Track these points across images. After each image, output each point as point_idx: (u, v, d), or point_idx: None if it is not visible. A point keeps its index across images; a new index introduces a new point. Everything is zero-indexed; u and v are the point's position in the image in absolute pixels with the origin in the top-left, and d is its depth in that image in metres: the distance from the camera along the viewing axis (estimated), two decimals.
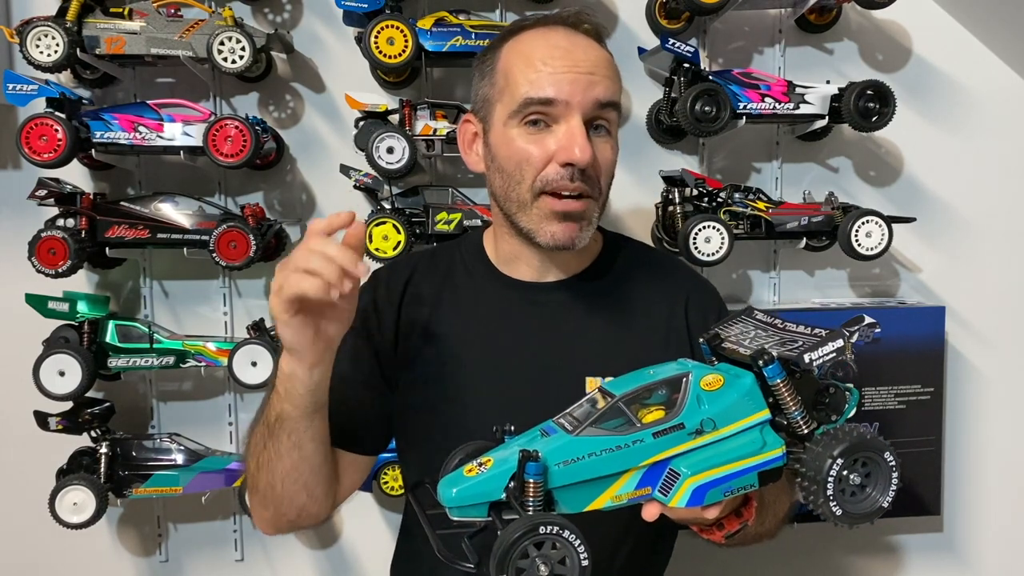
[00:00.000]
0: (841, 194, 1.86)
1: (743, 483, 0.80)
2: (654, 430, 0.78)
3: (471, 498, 0.77)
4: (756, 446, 0.81)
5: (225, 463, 1.73)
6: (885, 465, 0.80)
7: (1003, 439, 2.04)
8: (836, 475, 0.77)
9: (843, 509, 0.78)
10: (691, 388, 0.81)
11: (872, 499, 0.81)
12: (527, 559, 0.72)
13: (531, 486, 0.75)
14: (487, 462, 0.79)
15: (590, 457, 0.77)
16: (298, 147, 1.84)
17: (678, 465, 0.79)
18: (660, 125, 1.87)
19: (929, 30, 1.94)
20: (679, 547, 1.93)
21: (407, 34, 1.61)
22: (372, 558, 1.92)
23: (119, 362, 1.68)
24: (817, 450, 0.78)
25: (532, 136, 1.11)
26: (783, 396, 0.81)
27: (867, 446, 0.79)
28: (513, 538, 0.71)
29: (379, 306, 1.24)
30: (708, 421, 0.79)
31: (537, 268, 1.22)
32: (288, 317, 0.93)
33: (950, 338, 1.97)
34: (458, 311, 1.22)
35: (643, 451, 0.78)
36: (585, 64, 1.10)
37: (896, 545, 2.04)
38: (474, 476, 0.78)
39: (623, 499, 0.80)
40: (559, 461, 0.77)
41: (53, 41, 1.57)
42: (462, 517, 0.78)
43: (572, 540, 0.72)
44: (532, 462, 0.75)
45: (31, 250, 1.59)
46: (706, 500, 0.79)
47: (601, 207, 1.17)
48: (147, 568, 1.89)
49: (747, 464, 0.80)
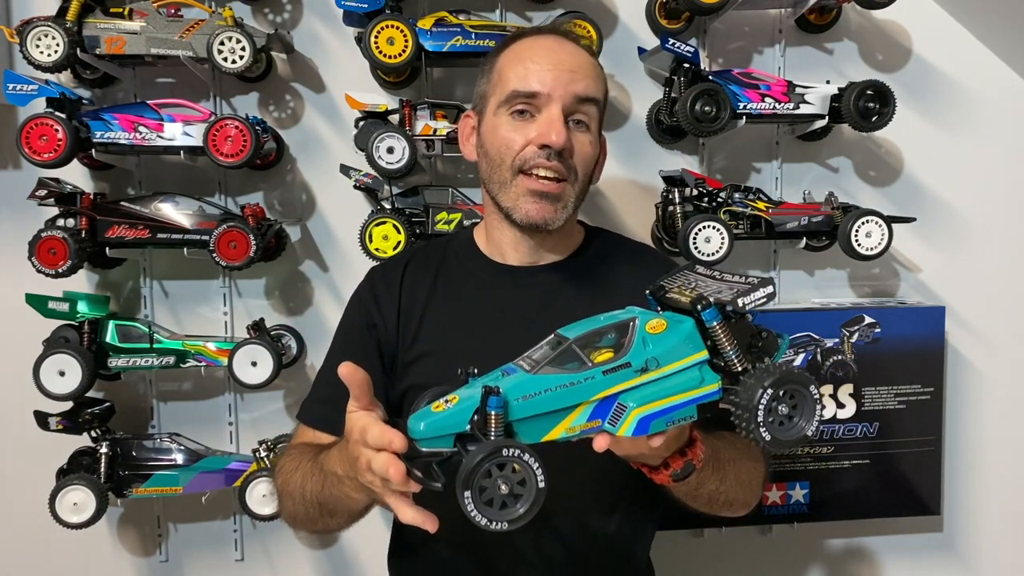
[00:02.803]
0: (841, 194, 1.86)
1: (683, 414, 0.89)
2: (604, 368, 0.87)
3: (438, 430, 0.84)
4: (695, 382, 0.89)
5: (225, 463, 1.73)
6: (811, 397, 0.87)
7: (1003, 439, 2.04)
8: (766, 404, 0.85)
9: (771, 435, 0.86)
10: (637, 331, 0.89)
11: (798, 427, 0.88)
12: (490, 479, 0.80)
13: (493, 418, 0.82)
14: (453, 399, 0.86)
15: (546, 392, 0.85)
16: (298, 147, 1.84)
17: (625, 399, 0.87)
18: (660, 125, 1.87)
19: (929, 30, 1.95)
20: (679, 547, 1.94)
21: (407, 34, 1.61)
22: (372, 558, 1.92)
23: (119, 362, 1.68)
24: (750, 383, 0.86)
25: (516, 124, 1.23)
26: (719, 338, 0.89)
27: (794, 379, 0.86)
28: (478, 458, 0.79)
29: (379, 298, 1.32)
30: (652, 360, 0.87)
31: (523, 253, 1.31)
32: (386, 495, 0.95)
33: (950, 338, 1.98)
34: (451, 295, 1.31)
35: (594, 387, 0.86)
36: (568, 63, 1.23)
37: (896, 545, 2.04)
38: (441, 411, 0.85)
39: (576, 431, 0.88)
40: (518, 396, 0.85)
41: (53, 41, 1.57)
42: (431, 448, 0.85)
43: (531, 463, 0.80)
44: (494, 396, 0.82)
45: (31, 250, 1.59)
46: (650, 429, 0.87)
47: (577, 194, 1.26)
48: (147, 568, 1.89)
49: (687, 397, 0.88)
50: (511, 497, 0.81)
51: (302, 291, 1.87)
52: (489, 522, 0.80)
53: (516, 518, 0.81)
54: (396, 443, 0.87)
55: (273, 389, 1.79)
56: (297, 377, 1.86)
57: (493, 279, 1.31)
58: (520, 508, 0.81)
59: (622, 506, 1.27)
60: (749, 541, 1.98)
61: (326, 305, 1.87)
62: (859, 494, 1.88)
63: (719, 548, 1.98)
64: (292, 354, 1.81)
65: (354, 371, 0.94)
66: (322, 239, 1.86)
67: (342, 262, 1.86)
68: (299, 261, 1.86)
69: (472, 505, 0.79)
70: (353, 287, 1.39)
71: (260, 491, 1.72)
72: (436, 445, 0.85)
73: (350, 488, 1.02)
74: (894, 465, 1.87)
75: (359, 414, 0.95)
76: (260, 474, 1.71)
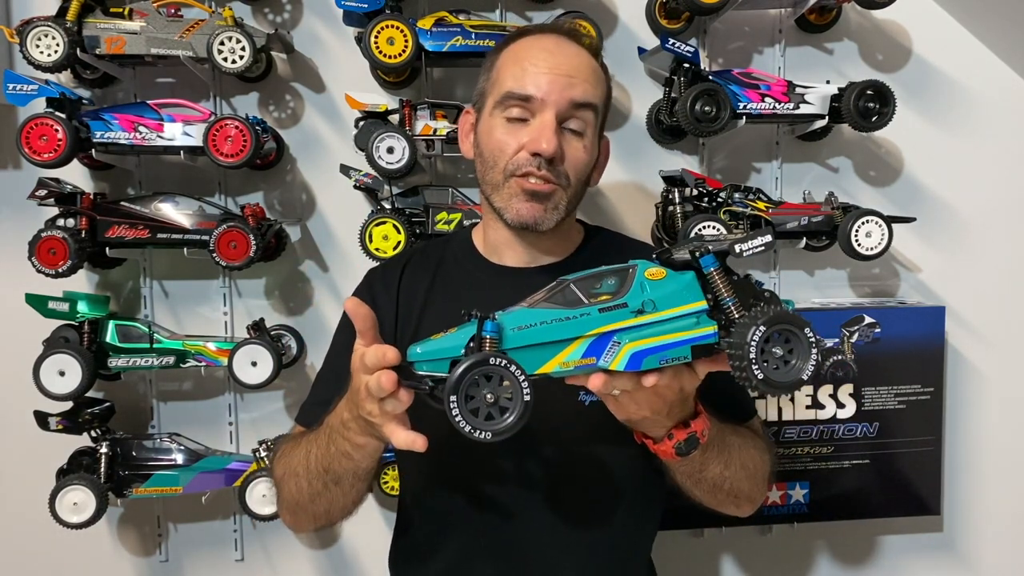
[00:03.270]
0: (841, 194, 1.86)
1: (677, 353, 0.89)
2: (600, 306, 0.89)
3: (434, 354, 0.87)
4: (691, 325, 0.90)
5: (225, 463, 1.73)
6: (806, 340, 0.87)
7: (1003, 439, 2.04)
8: (759, 343, 0.85)
9: (764, 374, 0.85)
10: (636, 276, 0.91)
11: (795, 369, 0.87)
12: (477, 388, 0.82)
13: (487, 341, 0.85)
14: (452, 330, 0.89)
15: (542, 325, 0.88)
16: (298, 147, 1.84)
17: (621, 338, 0.88)
18: (660, 125, 1.87)
19: (929, 30, 1.95)
20: (679, 547, 1.94)
21: (407, 34, 1.61)
22: (372, 558, 1.92)
23: (119, 362, 1.68)
24: (744, 323, 0.87)
25: (510, 127, 1.22)
26: (717, 285, 0.90)
27: (788, 319, 0.86)
28: (466, 364, 0.81)
29: (377, 300, 1.31)
30: (649, 303, 0.89)
31: (521, 254, 1.30)
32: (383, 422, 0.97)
33: (950, 338, 1.98)
34: (450, 297, 1.30)
35: (589, 322, 0.88)
36: (566, 67, 1.21)
37: (896, 545, 2.04)
38: (439, 338, 0.89)
39: (571, 365, 0.89)
40: (515, 326, 0.87)
41: (53, 41, 1.57)
42: (427, 372, 0.88)
43: (517, 374, 0.82)
44: (489, 320, 0.85)
45: (31, 250, 1.59)
46: (643, 365, 0.88)
47: (571, 199, 1.25)
48: (147, 568, 1.89)
49: (682, 337, 0.89)
50: (496, 408, 0.82)
51: (302, 291, 1.87)
52: (473, 430, 0.82)
53: (502, 428, 0.82)
54: (390, 355, 0.90)
55: (273, 389, 1.79)
56: (297, 377, 1.86)
57: (490, 280, 1.30)
58: (507, 418, 0.82)
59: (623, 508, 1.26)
60: (749, 541, 1.98)
61: (326, 305, 1.87)
62: (859, 494, 1.88)
63: (719, 548, 1.98)
64: (292, 354, 1.81)
65: (358, 305, 0.97)
66: (322, 239, 1.86)
67: (342, 262, 1.86)
68: (299, 261, 1.86)
69: (458, 411, 0.81)
70: (353, 287, 1.38)
71: (260, 491, 1.72)
72: (432, 368, 0.87)
73: (356, 431, 1.03)
74: (894, 465, 1.87)
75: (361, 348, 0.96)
76: (260, 474, 1.71)
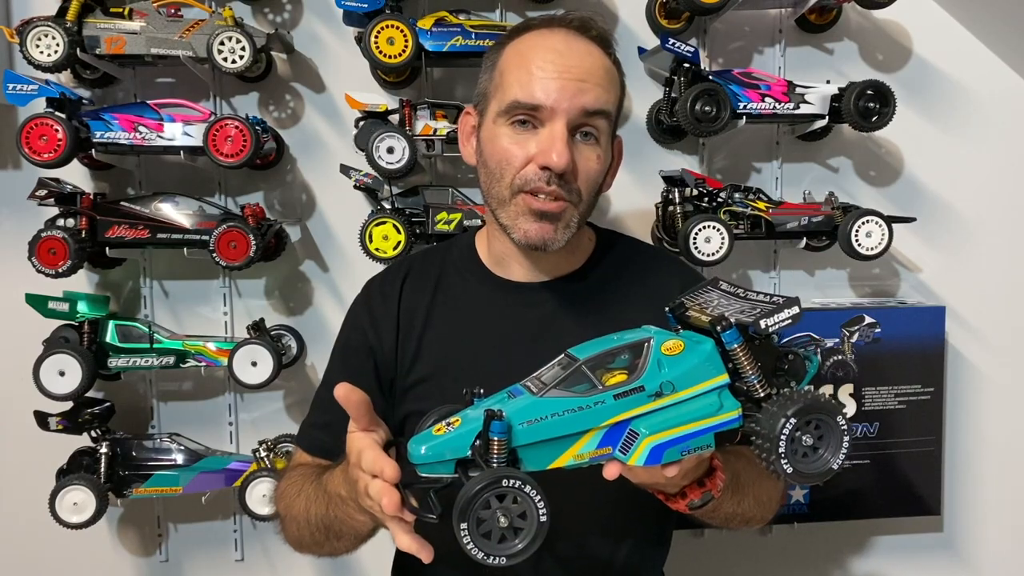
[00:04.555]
0: (841, 194, 1.86)
1: (700, 443, 0.83)
2: (615, 392, 0.82)
3: (439, 455, 0.80)
4: (714, 408, 0.83)
5: (225, 463, 1.73)
6: (837, 428, 0.82)
7: (1003, 439, 2.04)
8: (788, 434, 0.79)
9: (794, 467, 0.80)
10: (652, 353, 0.83)
11: (823, 460, 0.82)
12: (488, 510, 0.75)
13: (495, 444, 0.78)
14: (455, 422, 0.82)
15: (553, 417, 0.81)
16: (298, 147, 1.84)
17: (638, 426, 0.82)
18: (660, 125, 1.87)
19: (929, 30, 1.94)
20: (679, 548, 1.94)
21: (407, 34, 1.61)
22: (372, 558, 1.90)
23: (119, 362, 1.68)
24: (772, 410, 0.81)
25: (517, 136, 1.12)
26: (740, 361, 0.83)
27: (820, 408, 0.81)
28: (476, 488, 0.74)
29: (376, 317, 1.25)
30: (668, 384, 0.82)
31: (528, 268, 1.23)
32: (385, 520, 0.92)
33: (950, 338, 1.97)
34: (452, 314, 1.23)
35: (604, 412, 0.81)
36: (577, 70, 1.11)
37: (896, 545, 2.04)
38: (442, 435, 0.81)
39: (585, 458, 0.83)
40: (523, 420, 0.80)
41: (53, 41, 1.57)
42: (430, 474, 0.81)
43: (532, 495, 0.75)
44: (496, 421, 0.78)
45: (31, 250, 1.59)
46: (664, 459, 0.82)
47: (582, 213, 1.17)
48: (147, 568, 1.89)
49: (704, 425, 0.83)
50: (510, 531, 0.76)
51: (302, 291, 1.87)
52: (486, 556, 0.76)
53: (515, 553, 0.77)
54: (388, 472, 0.84)
55: (273, 389, 1.79)
56: (297, 377, 1.86)
57: (495, 296, 1.23)
58: (519, 543, 0.77)
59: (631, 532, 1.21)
60: (749, 541, 1.98)
61: (326, 305, 1.87)
62: (859, 494, 1.88)
63: (719, 548, 1.98)
64: (292, 354, 1.81)
65: (350, 392, 0.90)
66: (322, 239, 1.86)
67: (342, 262, 1.86)
68: (299, 261, 1.86)
69: (468, 538, 0.75)
70: (353, 287, 1.37)
71: (260, 491, 1.71)
72: (436, 471, 0.81)
73: (354, 510, 0.98)
74: (894, 465, 1.87)
75: (358, 435, 0.91)
76: (260, 474, 1.71)
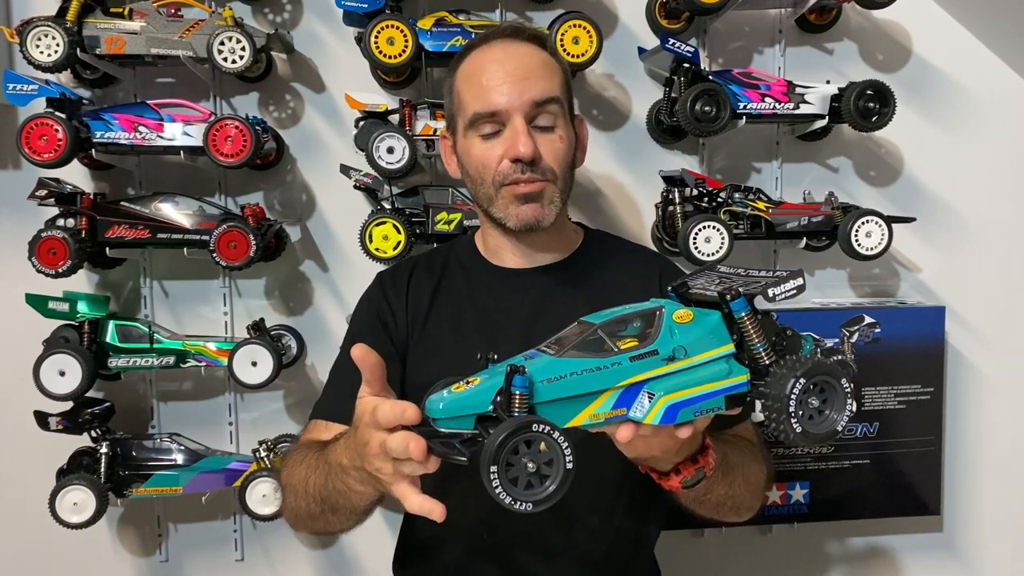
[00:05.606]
0: (841, 194, 1.86)
1: (711, 405, 0.87)
2: (631, 354, 0.85)
3: (459, 409, 0.81)
4: (724, 373, 0.88)
5: (225, 463, 1.73)
6: (841, 391, 0.86)
7: (1003, 439, 2.04)
8: (798, 395, 0.83)
9: (803, 427, 0.84)
10: (664, 320, 0.87)
11: (830, 420, 0.86)
12: (517, 455, 0.76)
13: (517, 398, 0.80)
14: (474, 380, 0.84)
15: (572, 376, 0.83)
16: (298, 147, 1.84)
17: (652, 387, 0.85)
18: (660, 125, 1.87)
19: (929, 30, 1.94)
20: (679, 548, 1.94)
21: (407, 34, 1.61)
22: (372, 558, 1.92)
23: (119, 362, 1.68)
24: (781, 372, 0.84)
25: (486, 144, 1.26)
26: (747, 329, 0.87)
27: (827, 370, 0.85)
28: (508, 432, 0.75)
29: (389, 299, 1.37)
30: (680, 349, 0.86)
31: (522, 256, 1.35)
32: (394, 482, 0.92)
33: (950, 338, 1.97)
34: (454, 299, 1.35)
35: (621, 373, 0.85)
36: (519, 71, 1.24)
37: (896, 545, 2.04)
38: (462, 391, 0.82)
39: (600, 417, 0.86)
40: (544, 378, 0.82)
41: (53, 41, 1.57)
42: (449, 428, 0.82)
43: (560, 441, 0.77)
44: (519, 375, 0.80)
45: (31, 250, 1.59)
46: (679, 418, 0.85)
47: (562, 189, 1.28)
48: (147, 568, 1.89)
49: (716, 387, 0.87)
50: (536, 477, 0.77)
51: (302, 291, 1.87)
52: (514, 501, 0.77)
53: (543, 498, 0.78)
54: (410, 413, 0.84)
55: (273, 389, 1.79)
56: (297, 377, 1.86)
57: (493, 282, 1.35)
58: (549, 487, 0.77)
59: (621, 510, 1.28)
60: (749, 541, 1.98)
61: (326, 305, 1.87)
62: (859, 494, 1.88)
63: (719, 548, 1.98)
64: (292, 354, 1.81)
65: (367, 353, 0.92)
66: (322, 239, 1.86)
67: (342, 262, 1.86)
68: (299, 261, 1.86)
69: (498, 482, 0.75)
70: (353, 287, 1.40)
71: (260, 491, 1.72)
72: (456, 425, 0.82)
73: (355, 480, 0.99)
74: (894, 465, 1.87)
75: (369, 398, 0.92)
76: (260, 474, 1.71)
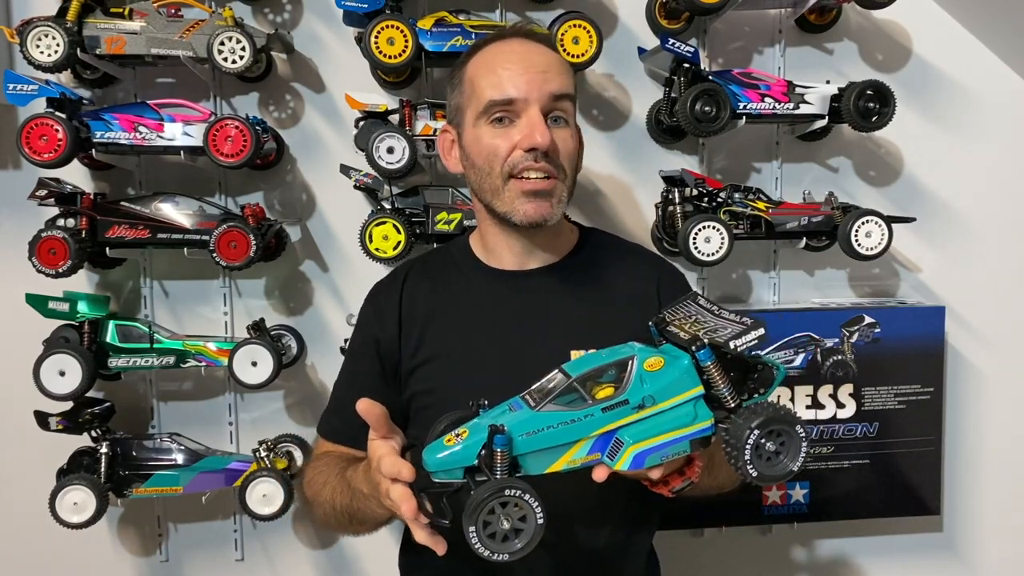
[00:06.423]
0: (841, 194, 1.86)
1: (677, 449, 0.95)
2: (603, 405, 0.93)
3: (449, 464, 0.92)
4: (689, 418, 0.95)
5: (225, 463, 1.73)
6: (797, 437, 0.93)
7: (1003, 439, 2.04)
8: (753, 443, 0.91)
9: (757, 471, 0.92)
10: (635, 369, 0.95)
11: (783, 464, 0.93)
12: (493, 515, 0.87)
13: (498, 454, 0.90)
14: (463, 433, 0.93)
15: (548, 429, 0.92)
16: (298, 147, 1.84)
17: (623, 435, 0.94)
18: (660, 125, 1.87)
19: (929, 30, 1.95)
20: (679, 548, 1.94)
21: (407, 34, 1.61)
22: (372, 558, 1.92)
23: (119, 362, 1.68)
24: (739, 422, 0.92)
25: (497, 131, 1.25)
26: (713, 376, 0.95)
27: (780, 419, 0.92)
28: (482, 497, 0.86)
29: (381, 311, 1.36)
30: (649, 398, 0.94)
31: (519, 256, 1.33)
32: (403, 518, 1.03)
33: (950, 338, 1.98)
34: (451, 302, 1.34)
35: (593, 423, 0.93)
36: (539, 64, 1.25)
37: (896, 545, 2.04)
38: (452, 445, 0.92)
39: (577, 463, 0.94)
40: (523, 432, 0.92)
41: (53, 41, 1.57)
42: (443, 479, 0.93)
43: (531, 502, 0.88)
44: (499, 435, 0.90)
45: (31, 250, 1.59)
46: (646, 464, 0.93)
47: (568, 189, 1.29)
48: (147, 568, 1.89)
49: (681, 434, 0.94)
50: (512, 531, 0.88)
51: (302, 291, 1.87)
52: (491, 554, 0.88)
53: (516, 551, 0.89)
54: (404, 473, 0.97)
55: (273, 389, 1.79)
56: (297, 377, 1.86)
57: (489, 284, 1.34)
58: (518, 543, 0.89)
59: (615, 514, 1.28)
60: (749, 541, 1.98)
61: (326, 305, 1.87)
62: (859, 494, 1.88)
63: (719, 548, 1.98)
64: (292, 354, 1.81)
65: (371, 407, 1.02)
66: (322, 239, 1.86)
67: (342, 262, 1.86)
68: (299, 261, 1.86)
69: (476, 538, 0.87)
70: (353, 287, 1.41)
71: (260, 491, 1.71)
72: (447, 476, 0.92)
73: (375, 504, 1.11)
74: (894, 465, 1.88)
75: (378, 442, 1.03)
76: (260, 474, 1.71)
